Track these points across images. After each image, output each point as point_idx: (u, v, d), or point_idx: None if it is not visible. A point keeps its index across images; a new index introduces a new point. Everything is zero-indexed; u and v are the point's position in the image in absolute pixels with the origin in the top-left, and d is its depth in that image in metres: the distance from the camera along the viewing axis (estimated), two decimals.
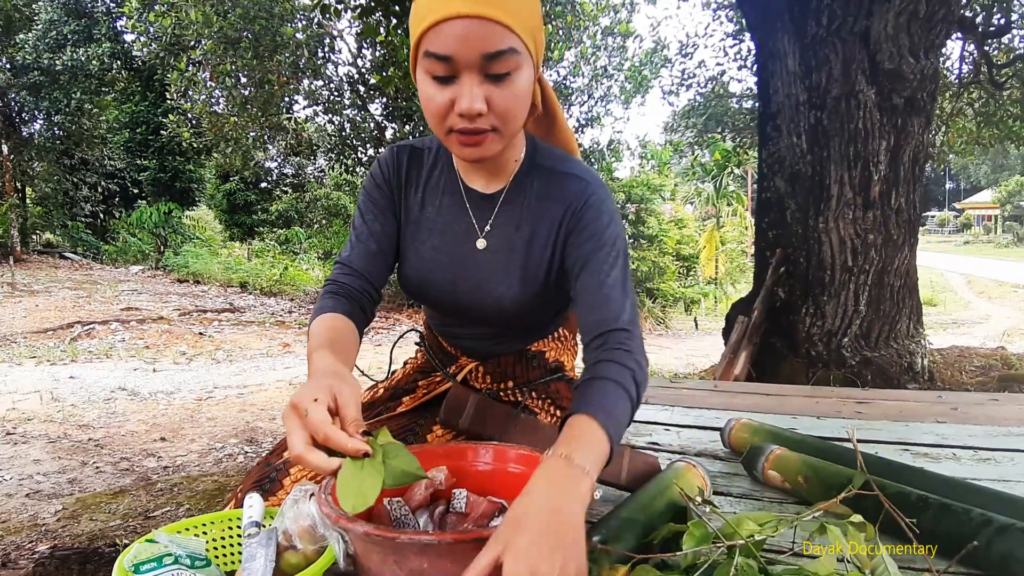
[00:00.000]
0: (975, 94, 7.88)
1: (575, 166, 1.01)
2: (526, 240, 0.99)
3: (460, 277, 1.01)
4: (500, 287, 1.00)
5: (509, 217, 1.00)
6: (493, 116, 0.84)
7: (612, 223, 0.97)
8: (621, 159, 12.58)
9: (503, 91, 0.83)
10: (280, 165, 15.67)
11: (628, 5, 10.79)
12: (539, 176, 1.00)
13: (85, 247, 14.94)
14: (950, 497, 0.92)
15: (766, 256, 3.90)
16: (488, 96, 0.83)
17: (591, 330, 0.90)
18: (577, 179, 0.99)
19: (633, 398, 0.83)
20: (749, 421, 1.38)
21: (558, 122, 1.08)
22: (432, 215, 1.03)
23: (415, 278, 1.04)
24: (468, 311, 1.05)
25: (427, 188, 1.04)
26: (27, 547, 2.12)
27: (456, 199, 1.02)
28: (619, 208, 11.83)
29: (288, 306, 10.25)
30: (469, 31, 0.79)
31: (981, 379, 4.09)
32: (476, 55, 0.80)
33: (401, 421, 1.06)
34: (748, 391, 2.24)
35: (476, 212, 1.01)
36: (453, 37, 0.79)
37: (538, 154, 1.02)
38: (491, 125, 0.85)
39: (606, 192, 1.00)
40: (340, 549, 0.74)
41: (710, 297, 15.98)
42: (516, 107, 0.86)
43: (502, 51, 0.80)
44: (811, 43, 3.52)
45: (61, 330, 6.94)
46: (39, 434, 3.55)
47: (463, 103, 0.82)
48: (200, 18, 8.28)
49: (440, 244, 1.02)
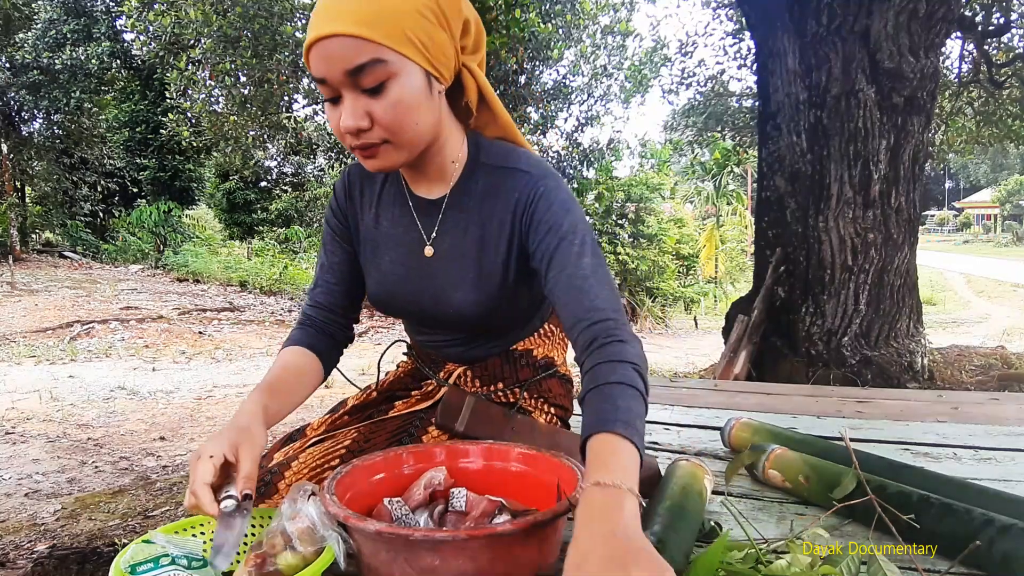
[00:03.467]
0: (975, 93, 7.87)
1: (520, 159, 0.98)
2: (476, 242, 0.98)
3: (418, 287, 1.02)
4: (457, 293, 0.99)
5: (456, 221, 0.99)
6: (380, 128, 0.84)
7: (569, 211, 0.93)
8: (621, 158, 12.58)
9: (381, 103, 0.82)
10: (280, 164, 15.67)
11: (628, 4, 10.78)
12: (483, 175, 0.98)
13: (84, 246, 14.95)
14: (951, 497, 0.91)
15: (766, 255, 3.90)
16: (369, 110, 0.83)
17: (575, 326, 0.86)
18: (522, 173, 0.96)
19: (641, 390, 0.79)
20: (749, 420, 1.38)
21: (499, 117, 1.03)
22: (387, 229, 1.04)
23: (379, 293, 1.06)
24: (434, 319, 1.06)
25: (380, 203, 1.05)
26: (26, 547, 2.11)
27: (405, 209, 1.03)
28: (619, 207, 11.84)
29: (288, 305, 10.25)
30: (330, 51, 0.80)
31: (981, 378, 4.09)
32: (340, 72, 0.81)
33: (396, 423, 1.06)
34: (748, 390, 2.24)
35: (423, 220, 1.01)
36: (320, 59, 0.81)
37: (481, 152, 0.99)
38: (380, 138, 0.85)
39: (556, 180, 0.96)
40: (340, 549, 0.73)
41: (710, 296, 15.98)
42: (400, 116, 0.84)
43: (363, 64, 0.80)
44: (811, 42, 3.52)
45: (60, 329, 6.94)
46: (38, 433, 3.55)
47: (342, 122, 0.83)
48: (199, 17, 8.27)
49: (397, 256, 1.03)
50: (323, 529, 0.75)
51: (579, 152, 11.21)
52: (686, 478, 0.97)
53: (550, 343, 1.17)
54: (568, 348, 1.23)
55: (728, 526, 0.96)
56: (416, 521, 0.83)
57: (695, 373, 5.59)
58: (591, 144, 11.44)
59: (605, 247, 11.52)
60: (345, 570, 0.74)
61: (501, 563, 0.68)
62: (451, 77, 0.91)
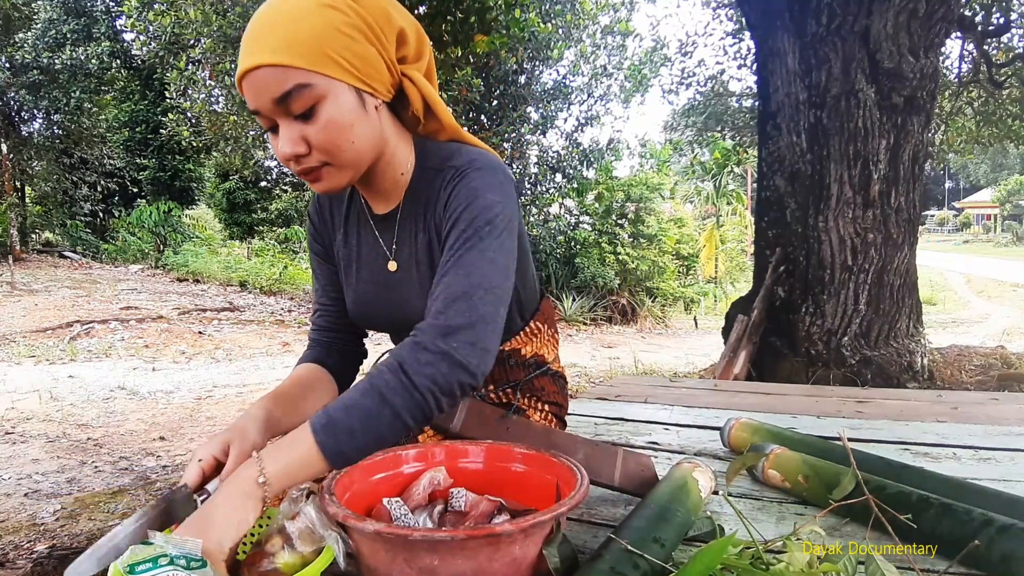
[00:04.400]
0: (974, 93, 7.88)
1: (452, 155, 0.95)
2: (426, 248, 0.98)
3: (386, 301, 1.03)
4: (418, 302, 0.98)
5: (410, 231, 0.99)
6: (317, 152, 0.84)
7: (476, 196, 0.88)
8: (620, 158, 12.58)
9: (314, 126, 0.82)
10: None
11: (628, 4, 10.79)
12: (427, 180, 0.97)
13: (84, 246, 14.95)
14: (950, 497, 0.91)
15: (766, 255, 3.90)
16: (304, 135, 0.82)
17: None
18: (450, 168, 0.93)
19: (389, 399, 0.77)
20: (749, 420, 1.38)
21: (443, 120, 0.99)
22: (355, 247, 1.06)
23: (357, 312, 1.08)
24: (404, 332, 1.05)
25: (347, 224, 1.07)
26: (25, 547, 2.11)
27: (368, 228, 1.04)
28: (619, 207, 11.83)
29: (288, 305, 10.25)
30: (256, 82, 0.80)
31: (981, 378, 4.08)
32: (269, 102, 0.80)
33: None
34: (748, 390, 2.24)
35: (384, 235, 1.02)
36: (249, 92, 0.81)
37: (427, 158, 0.98)
38: (319, 161, 0.85)
39: (478, 169, 0.91)
40: (339, 549, 0.73)
41: (710, 296, 15.96)
42: (334, 137, 0.83)
43: (288, 91, 0.79)
44: (811, 42, 3.52)
45: (60, 329, 6.94)
46: (38, 433, 3.55)
47: (279, 149, 0.84)
48: (199, 17, 8.28)
49: (367, 275, 1.05)
50: (322, 529, 0.75)
51: (579, 152, 11.20)
52: (679, 479, 0.97)
53: (538, 341, 1.17)
54: (559, 344, 1.23)
55: (728, 526, 0.96)
56: (415, 521, 0.83)
57: (695, 373, 5.58)
58: (591, 144, 11.45)
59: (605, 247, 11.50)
60: (345, 570, 0.74)
61: (500, 563, 0.68)
62: (389, 90, 0.89)
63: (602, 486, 1.04)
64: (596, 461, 1.02)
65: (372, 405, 0.77)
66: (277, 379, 5.20)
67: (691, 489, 0.96)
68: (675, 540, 0.83)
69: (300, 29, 0.78)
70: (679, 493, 0.93)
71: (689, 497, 0.94)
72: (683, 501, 0.91)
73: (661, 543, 0.78)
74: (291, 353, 6.55)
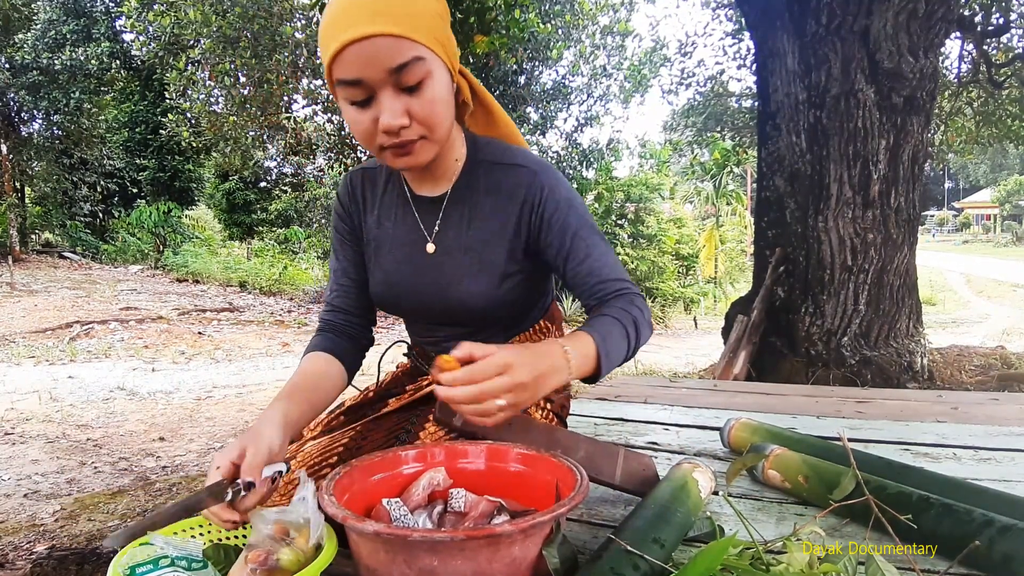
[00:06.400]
0: (974, 93, 7.88)
1: (518, 155, 1.02)
2: (481, 237, 1.01)
3: (422, 284, 1.04)
4: (461, 287, 1.01)
5: (459, 217, 1.02)
6: (417, 125, 0.87)
7: (571, 205, 0.99)
8: (620, 158, 12.58)
9: (420, 99, 0.85)
10: (279, 164, 15.64)
11: (627, 4, 10.79)
12: (484, 171, 1.02)
13: (84, 247, 14.94)
14: (951, 497, 0.91)
15: (765, 255, 3.90)
16: (407, 107, 0.85)
17: (591, 296, 0.97)
18: (524, 169, 1.00)
19: (630, 335, 0.91)
20: (749, 421, 1.38)
21: (495, 114, 1.09)
22: (389, 229, 1.06)
23: (383, 293, 1.08)
24: (439, 315, 1.07)
25: (382, 205, 1.08)
26: (24, 547, 2.11)
27: (407, 209, 1.05)
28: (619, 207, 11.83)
29: (287, 305, 10.25)
30: (371, 51, 0.81)
31: (981, 378, 4.08)
32: (383, 72, 0.82)
33: (393, 420, 1.06)
34: (748, 390, 2.24)
35: (425, 218, 1.04)
36: (358, 60, 0.81)
37: (479, 150, 1.03)
38: (418, 134, 0.88)
39: (555, 176, 1.01)
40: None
41: (709, 296, 15.97)
42: (437, 112, 0.87)
43: (407, 62, 0.82)
44: (810, 42, 3.52)
45: (60, 330, 6.94)
46: (37, 434, 3.55)
47: (384, 120, 0.84)
48: (199, 17, 8.27)
49: (400, 256, 1.05)
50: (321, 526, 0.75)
51: (579, 152, 11.20)
52: (679, 480, 0.97)
53: (546, 339, 1.17)
54: None
55: (728, 526, 0.96)
56: (415, 522, 0.83)
57: (695, 373, 5.58)
58: (591, 144, 11.44)
59: None
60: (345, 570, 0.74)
61: (500, 564, 0.68)
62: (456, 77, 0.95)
63: (603, 484, 1.04)
64: (598, 459, 1.02)
65: (625, 331, 0.91)
66: (277, 379, 5.21)
67: (691, 489, 0.95)
68: (675, 541, 0.83)
69: (416, 7, 0.83)
70: (679, 493, 0.93)
71: (689, 497, 0.93)
72: (683, 501, 0.91)
73: (661, 544, 0.78)
74: (291, 353, 6.54)
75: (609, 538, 0.78)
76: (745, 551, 0.76)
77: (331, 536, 0.74)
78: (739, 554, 0.75)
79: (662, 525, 0.83)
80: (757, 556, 0.74)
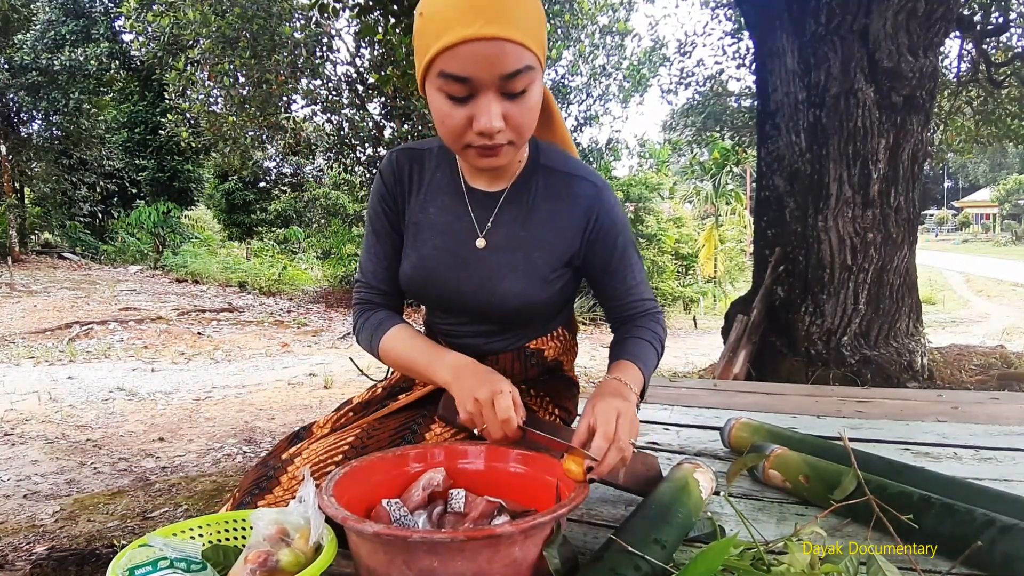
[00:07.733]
0: (973, 92, 7.88)
1: (579, 167, 1.04)
2: (533, 239, 1.01)
3: (463, 275, 1.03)
4: (503, 284, 1.01)
5: (513, 215, 1.02)
6: (510, 130, 0.86)
7: (624, 226, 1.06)
8: (620, 158, 12.58)
9: (519, 107, 0.85)
10: (278, 164, 15.65)
11: (626, 4, 10.78)
12: (545, 176, 1.03)
13: (83, 247, 14.93)
14: (952, 497, 0.91)
15: (765, 255, 3.90)
16: (505, 113, 0.85)
17: (620, 313, 1.10)
18: (588, 183, 1.02)
19: (659, 351, 1.06)
20: (749, 420, 1.38)
21: (555, 118, 1.10)
22: (434, 215, 1.05)
23: (417, 278, 1.06)
24: (472, 309, 1.06)
25: (429, 189, 1.06)
26: (24, 548, 2.11)
27: (458, 198, 1.03)
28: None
29: (287, 306, 10.25)
30: (488, 52, 0.80)
31: (981, 378, 4.08)
32: (495, 76, 0.81)
33: (399, 419, 1.06)
34: (747, 390, 2.24)
35: (477, 211, 1.03)
36: (472, 59, 0.80)
37: (541, 154, 1.04)
38: (508, 139, 0.88)
39: (614, 195, 1.06)
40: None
41: (709, 296, 15.97)
42: (531, 120, 0.89)
43: (520, 70, 0.82)
44: (810, 41, 3.52)
45: (59, 330, 6.93)
46: (37, 435, 3.54)
47: (482, 122, 0.84)
48: (198, 17, 8.27)
49: (442, 243, 1.03)
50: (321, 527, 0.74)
51: (578, 152, 11.19)
52: (680, 480, 0.97)
53: (562, 346, 1.16)
54: (577, 354, 1.24)
55: (728, 526, 0.96)
56: (415, 522, 0.82)
57: (694, 373, 5.58)
58: (590, 144, 11.44)
59: None
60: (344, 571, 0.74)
61: (500, 564, 0.68)
62: None
63: (608, 484, 1.03)
64: None
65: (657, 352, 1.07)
66: (276, 380, 5.21)
67: (692, 490, 0.95)
68: (676, 541, 0.83)
69: (532, 12, 0.83)
70: (680, 494, 0.93)
71: (690, 498, 0.93)
72: (684, 502, 0.91)
73: (662, 544, 0.78)
74: (290, 354, 6.54)
75: (610, 538, 0.77)
76: (746, 551, 0.75)
77: (331, 537, 0.74)
78: (740, 554, 0.74)
79: (663, 525, 0.83)
80: (758, 556, 0.74)
